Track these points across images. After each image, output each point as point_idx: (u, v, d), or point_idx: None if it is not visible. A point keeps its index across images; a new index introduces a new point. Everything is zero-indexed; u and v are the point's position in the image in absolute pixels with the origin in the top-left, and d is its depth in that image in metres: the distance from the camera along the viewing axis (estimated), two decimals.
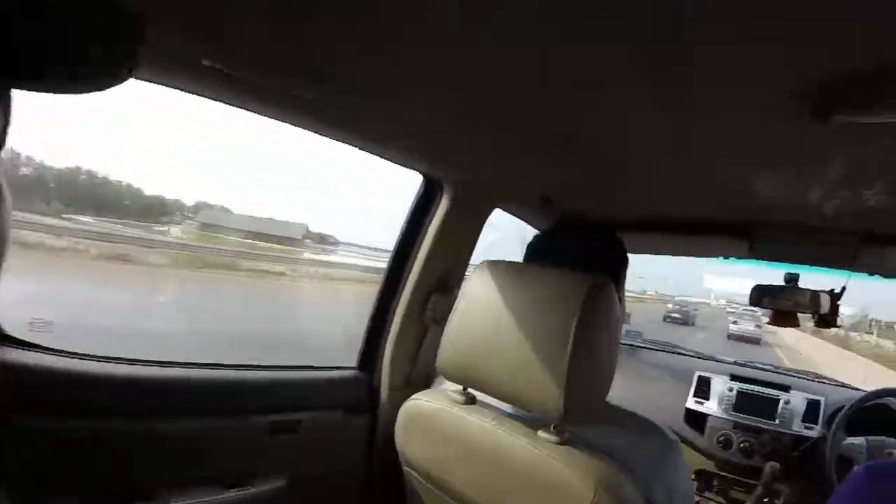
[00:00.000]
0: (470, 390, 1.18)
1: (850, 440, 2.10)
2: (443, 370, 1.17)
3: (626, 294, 1.35)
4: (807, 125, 0.96)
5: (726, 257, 2.18)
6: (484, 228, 1.83)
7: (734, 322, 29.28)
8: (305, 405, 1.57)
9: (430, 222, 1.70)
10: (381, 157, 1.45)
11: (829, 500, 1.07)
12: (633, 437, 1.11)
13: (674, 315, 31.61)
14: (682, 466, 1.13)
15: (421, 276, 1.72)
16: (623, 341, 3.12)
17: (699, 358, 2.91)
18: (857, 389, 2.52)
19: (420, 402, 1.24)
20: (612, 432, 1.09)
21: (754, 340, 26.26)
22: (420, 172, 1.64)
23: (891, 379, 15.54)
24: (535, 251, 1.29)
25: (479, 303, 1.11)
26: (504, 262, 1.15)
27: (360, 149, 1.39)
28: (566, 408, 0.95)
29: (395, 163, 1.51)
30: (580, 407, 0.98)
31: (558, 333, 0.97)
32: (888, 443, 2.04)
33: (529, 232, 1.97)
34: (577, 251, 1.20)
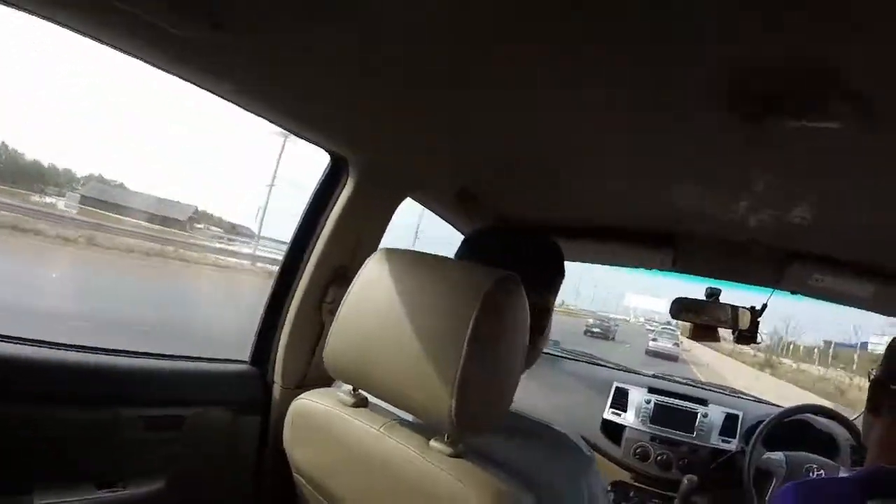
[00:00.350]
0: (362, 392, 1.08)
1: (769, 454, 2.13)
2: (330, 367, 1.06)
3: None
4: (735, 128, 0.95)
5: (650, 269, 2.21)
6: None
7: (654, 339, 30.84)
8: (188, 400, 1.44)
9: (333, 206, 1.58)
10: (281, 126, 1.34)
11: None
12: (544, 452, 1.02)
13: (594, 329, 33.01)
14: (597, 485, 1.05)
15: (319, 264, 1.59)
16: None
17: (617, 369, 2.94)
18: (774, 405, 2.58)
19: (307, 402, 1.13)
20: (520, 445, 1.01)
21: (672, 357, 27.59)
22: (325, 149, 1.52)
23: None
24: (463, 255, 1.18)
25: (371, 293, 1.00)
26: (405, 250, 1.06)
27: (256, 114, 1.26)
28: (458, 415, 0.85)
29: (297, 134, 1.40)
30: (476, 415, 0.89)
31: (454, 330, 0.85)
32: (807, 458, 2.08)
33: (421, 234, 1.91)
34: (509, 257, 1.12)
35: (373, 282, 1.01)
